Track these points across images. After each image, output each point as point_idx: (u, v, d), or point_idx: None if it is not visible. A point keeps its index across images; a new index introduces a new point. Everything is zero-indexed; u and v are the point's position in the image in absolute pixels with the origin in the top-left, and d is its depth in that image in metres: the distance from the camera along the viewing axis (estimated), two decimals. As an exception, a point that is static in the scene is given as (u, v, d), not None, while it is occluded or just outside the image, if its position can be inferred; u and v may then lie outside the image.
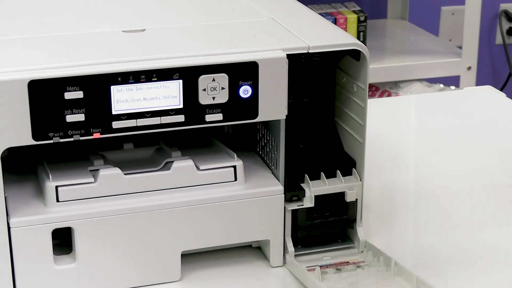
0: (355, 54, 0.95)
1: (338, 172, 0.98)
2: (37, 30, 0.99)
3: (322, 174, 0.97)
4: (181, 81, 0.88)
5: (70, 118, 0.86)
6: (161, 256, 0.93)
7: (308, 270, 0.95)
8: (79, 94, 0.85)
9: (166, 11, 1.08)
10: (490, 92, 1.50)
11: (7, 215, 0.88)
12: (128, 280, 0.93)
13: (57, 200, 0.90)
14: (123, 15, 1.06)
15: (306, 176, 0.96)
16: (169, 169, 0.93)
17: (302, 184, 0.97)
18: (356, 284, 0.92)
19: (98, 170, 0.92)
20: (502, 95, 1.48)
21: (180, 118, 0.89)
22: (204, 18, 1.05)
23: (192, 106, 0.89)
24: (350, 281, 0.93)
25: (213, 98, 0.90)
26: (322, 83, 1.00)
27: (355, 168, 0.98)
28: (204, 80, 0.89)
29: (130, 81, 0.87)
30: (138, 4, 1.11)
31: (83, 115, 0.86)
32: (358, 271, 0.95)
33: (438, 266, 0.98)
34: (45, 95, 0.85)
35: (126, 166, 0.94)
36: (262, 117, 0.92)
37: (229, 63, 0.89)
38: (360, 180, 0.98)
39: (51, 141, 0.86)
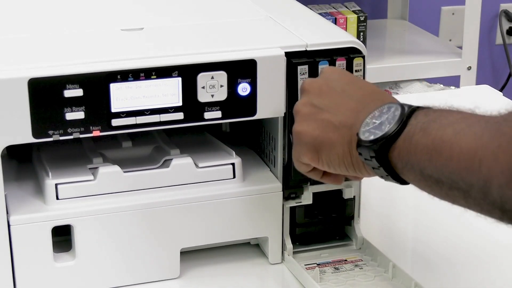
0: (353, 53, 0.95)
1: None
2: (36, 29, 1.00)
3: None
4: (180, 78, 0.89)
5: (69, 116, 0.86)
6: (160, 253, 0.94)
7: (306, 268, 0.95)
8: (78, 92, 0.86)
9: (164, 9, 1.08)
10: (487, 91, 1.51)
11: (7, 213, 0.88)
12: (128, 277, 0.93)
13: (57, 198, 0.90)
14: (122, 14, 1.07)
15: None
16: (168, 166, 0.94)
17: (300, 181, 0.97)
18: (353, 285, 0.93)
19: (97, 168, 0.92)
20: (499, 94, 1.49)
21: (179, 115, 0.90)
22: (203, 16, 1.06)
23: (191, 104, 0.90)
24: (348, 282, 0.93)
25: (212, 95, 0.90)
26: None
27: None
28: (203, 78, 0.89)
29: (129, 79, 0.87)
30: (136, 3, 1.11)
31: (82, 113, 0.87)
32: (356, 270, 0.95)
33: (436, 266, 0.99)
34: (44, 93, 0.85)
35: (125, 164, 0.94)
36: (260, 114, 0.92)
37: (227, 61, 0.90)
38: (358, 177, 0.98)
39: (51, 139, 0.87)
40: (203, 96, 0.90)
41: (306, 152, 0.82)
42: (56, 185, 0.90)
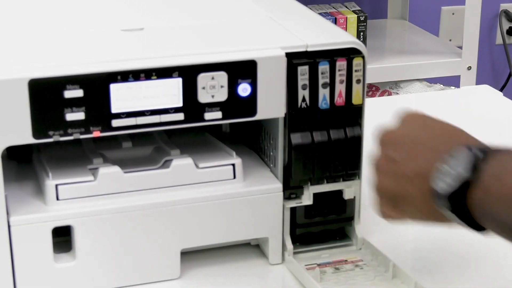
0: (353, 53, 0.95)
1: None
2: (36, 29, 1.00)
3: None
4: (180, 79, 0.89)
5: (70, 116, 0.86)
6: (160, 254, 0.94)
7: (307, 269, 0.95)
8: (79, 93, 0.86)
9: (165, 10, 1.08)
10: (487, 91, 1.51)
11: (7, 214, 0.88)
12: (128, 278, 0.93)
13: (57, 199, 0.90)
14: (122, 14, 1.07)
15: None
16: (168, 167, 0.94)
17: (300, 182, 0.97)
18: (354, 285, 0.93)
19: (97, 168, 0.92)
20: (499, 94, 1.49)
21: (180, 116, 0.90)
22: (203, 16, 1.06)
23: (191, 104, 0.90)
24: (348, 282, 0.93)
25: (212, 96, 0.90)
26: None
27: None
28: (203, 79, 0.89)
29: (129, 79, 0.87)
30: (136, 3, 1.11)
31: (83, 113, 0.87)
32: (356, 270, 0.95)
33: (436, 265, 0.99)
34: (45, 94, 0.85)
35: (125, 164, 0.94)
36: (260, 115, 0.92)
37: (228, 62, 0.90)
38: (359, 178, 0.98)
39: (51, 140, 0.87)
40: (203, 97, 0.90)
41: (388, 206, 0.83)
42: (56, 185, 0.90)
